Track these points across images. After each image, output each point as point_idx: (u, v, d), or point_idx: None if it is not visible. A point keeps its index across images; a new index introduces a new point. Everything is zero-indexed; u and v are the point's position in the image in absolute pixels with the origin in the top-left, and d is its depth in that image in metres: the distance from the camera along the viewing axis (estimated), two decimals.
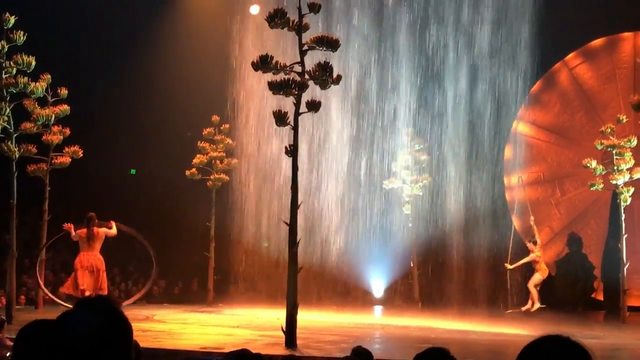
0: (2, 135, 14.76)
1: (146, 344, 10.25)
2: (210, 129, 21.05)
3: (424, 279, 22.51)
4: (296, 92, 11.95)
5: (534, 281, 20.10)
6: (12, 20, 14.43)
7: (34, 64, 14.47)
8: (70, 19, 21.91)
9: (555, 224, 23.12)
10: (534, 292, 20.02)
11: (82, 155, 17.07)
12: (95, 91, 22.54)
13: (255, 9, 22.21)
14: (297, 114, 12.06)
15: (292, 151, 12.09)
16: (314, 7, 12.18)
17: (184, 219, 22.31)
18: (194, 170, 20.73)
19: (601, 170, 18.64)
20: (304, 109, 12.13)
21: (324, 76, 11.93)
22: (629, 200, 18.28)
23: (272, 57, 12.06)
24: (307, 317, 14.28)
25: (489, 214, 22.52)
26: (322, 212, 21.94)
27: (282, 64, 12.12)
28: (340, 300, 21.77)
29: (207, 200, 20.91)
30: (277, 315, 13.31)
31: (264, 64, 12.04)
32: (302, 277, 12.60)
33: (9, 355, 7.11)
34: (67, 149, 16.88)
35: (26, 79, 14.45)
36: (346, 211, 22.39)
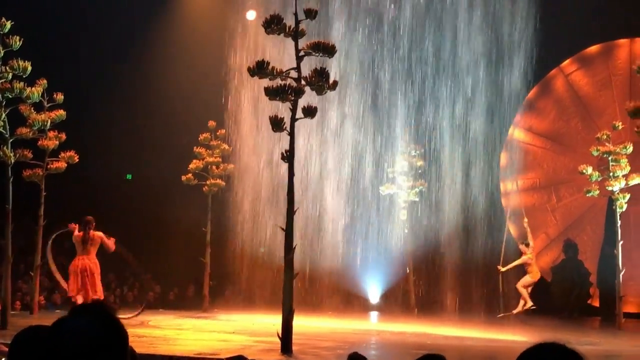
0: None
1: (141, 350, 10.23)
2: (206, 134, 21.04)
3: (420, 284, 22.52)
4: (292, 98, 11.95)
5: (523, 282, 20.19)
6: (8, 25, 14.41)
7: (29, 69, 14.44)
8: (66, 24, 21.88)
9: (551, 230, 23.14)
10: (523, 292, 20.11)
11: (77, 160, 17.05)
12: (91, 96, 22.51)
13: (251, 14, 22.24)
14: (294, 120, 12.06)
15: (289, 157, 12.08)
16: (310, 13, 12.20)
17: (179, 224, 22.27)
18: (190, 175, 20.71)
19: (597, 176, 18.67)
20: (300, 114, 12.12)
21: (320, 82, 11.94)
22: (625, 206, 18.31)
23: (268, 63, 12.06)
24: (303, 323, 14.27)
25: (485, 220, 22.54)
26: (319, 218, 21.94)
27: (279, 69, 12.13)
28: (336, 306, 21.76)
29: (203, 205, 20.88)
30: (273, 321, 13.29)
31: (260, 69, 12.04)
32: (298, 283, 12.59)
33: None
34: (62, 154, 16.86)
35: (22, 84, 14.43)
36: (342, 217, 22.38)
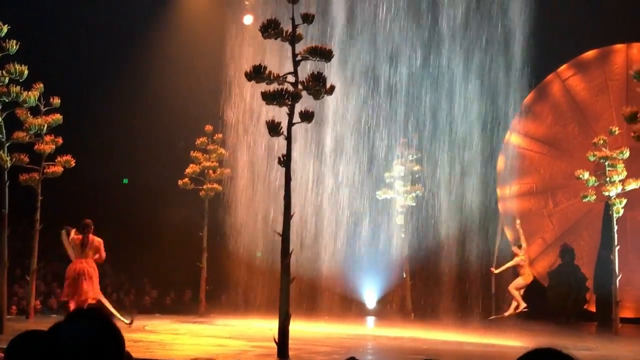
0: None
1: (138, 355, 10.20)
2: (203, 139, 21.03)
3: (417, 289, 22.52)
4: (289, 102, 11.95)
5: (516, 284, 20.26)
6: (5, 29, 14.39)
7: (26, 73, 14.42)
8: (63, 29, 21.90)
9: (547, 235, 23.16)
10: (515, 295, 20.17)
11: (74, 164, 17.02)
12: (88, 101, 22.52)
13: (248, 19, 22.25)
14: (291, 124, 12.06)
15: (286, 161, 12.08)
16: (307, 18, 12.21)
17: (176, 229, 22.26)
18: (186, 180, 20.70)
19: (594, 181, 18.69)
20: (297, 119, 12.12)
21: (317, 86, 11.94)
22: (622, 211, 18.32)
23: (265, 68, 12.06)
24: (299, 328, 14.24)
25: (482, 224, 22.56)
26: (315, 223, 21.93)
27: (276, 74, 12.13)
28: (332, 310, 21.74)
29: (199, 210, 20.87)
30: (270, 325, 13.28)
31: (257, 74, 12.04)
32: (294, 287, 12.58)
33: None
34: (59, 159, 16.82)
35: (18, 88, 14.42)
36: (339, 221, 22.38)
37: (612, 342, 16.95)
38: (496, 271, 20.96)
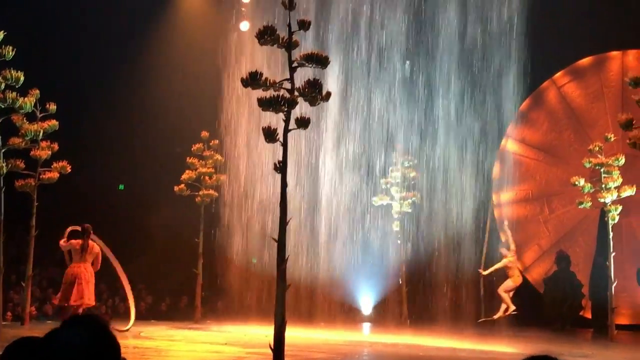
0: None
1: None
2: (199, 145, 21.02)
3: (413, 296, 22.49)
4: (285, 109, 11.95)
5: (505, 287, 20.27)
6: (1, 35, 14.40)
7: (22, 79, 14.44)
8: (59, 34, 21.90)
9: (543, 241, 23.16)
10: (504, 297, 20.17)
11: (70, 170, 17.02)
12: (83, 106, 22.49)
13: (245, 25, 22.27)
14: (287, 131, 12.04)
15: (282, 167, 12.07)
16: (303, 25, 12.21)
17: (172, 235, 22.22)
18: (182, 186, 20.68)
19: (589, 188, 18.72)
20: (293, 125, 12.12)
21: (314, 93, 11.94)
22: (617, 218, 18.35)
23: (261, 74, 12.05)
24: (295, 334, 14.23)
25: (478, 231, 22.55)
26: (311, 229, 21.91)
27: (272, 80, 12.12)
28: (328, 317, 21.70)
29: (195, 216, 20.85)
30: (266, 332, 13.26)
31: (253, 80, 12.03)
32: (290, 294, 12.55)
33: None
34: (55, 165, 16.82)
35: (15, 94, 14.43)
36: (335, 228, 22.36)
37: (608, 349, 16.96)
38: (484, 272, 20.99)
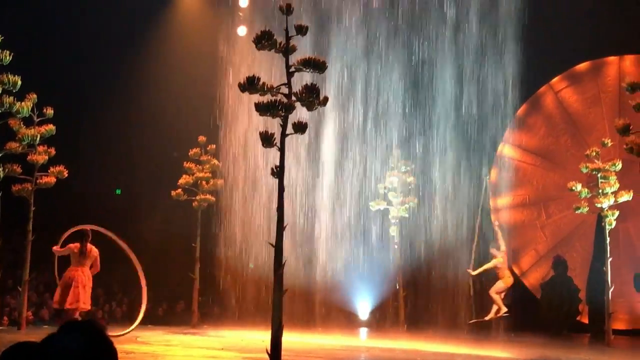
0: None
1: None
2: (196, 150, 21.01)
3: (410, 300, 22.49)
4: (283, 113, 11.95)
5: (496, 289, 20.26)
6: None
7: (19, 83, 14.43)
8: (56, 38, 21.89)
9: (540, 246, 23.18)
10: (496, 299, 20.16)
11: (67, 175, 17.00)
12: (81, 111, 22.49)
13: (242, 30, 22.29)
14: (284, 135, 12.05)
15: (279, 172, 12.07)
16: (301, 30, 12.22)
17: (169, 239, 22.21)
18: (179, 190, 20.67)
19: (586, 193, 18.73)
20: (290, 130, 12.12)
21: (311, 98, 11.95)
22: (614, 223, 18.37)
23: (259, 79, 12.06)
24: (292, 339, 14.22)
25: (475, 235, 22.54)
26: (309, 234, 21.91)
27: (269, 85, 12.13)
28: (325, 322, 21.70)
29: (192, 221, 20.83)
30: (262, 337, 13.24)
31: (250, 85, 12.03)
32: (287, 299, 12.54)
33: None
34: (52, 169, 16.80)
35: (12, 98, 14.42)
36: (332, 232, 22.37)
37: (605, 354, 16.95)
38: (473, 273, 21.00)
